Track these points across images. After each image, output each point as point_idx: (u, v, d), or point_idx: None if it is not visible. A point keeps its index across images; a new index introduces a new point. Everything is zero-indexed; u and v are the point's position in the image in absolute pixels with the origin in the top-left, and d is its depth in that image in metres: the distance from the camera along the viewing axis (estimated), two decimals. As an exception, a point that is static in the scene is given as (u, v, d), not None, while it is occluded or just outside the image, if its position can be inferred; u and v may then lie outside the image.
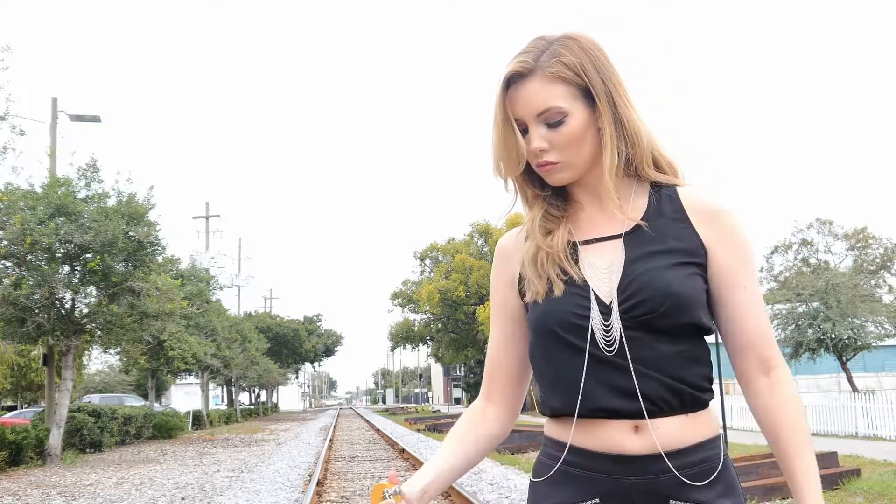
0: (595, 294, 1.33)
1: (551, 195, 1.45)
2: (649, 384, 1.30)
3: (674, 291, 1.29)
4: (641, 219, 1.37)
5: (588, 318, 1.32)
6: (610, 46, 1.39)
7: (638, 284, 1.30)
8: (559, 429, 1.38)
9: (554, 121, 1.34)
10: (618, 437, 1.31)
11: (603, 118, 1.35)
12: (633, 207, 1.39)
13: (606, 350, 1.30)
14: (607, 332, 1.31)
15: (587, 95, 1.35)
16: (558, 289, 1.34)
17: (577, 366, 1.32)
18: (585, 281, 1.34)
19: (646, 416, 1.29)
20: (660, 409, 1.30)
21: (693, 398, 1.32)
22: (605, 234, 1.39)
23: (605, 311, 1.31)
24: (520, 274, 1.43)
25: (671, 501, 1.30)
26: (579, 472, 1.35)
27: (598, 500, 1.33)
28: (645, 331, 1.30)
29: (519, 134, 1.36)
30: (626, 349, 1.30)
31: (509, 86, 1.36)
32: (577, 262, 1.37)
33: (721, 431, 1.36)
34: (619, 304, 1.31)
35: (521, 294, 1.43)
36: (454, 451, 1.46)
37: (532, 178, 1.44)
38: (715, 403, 1.41)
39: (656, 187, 1.42)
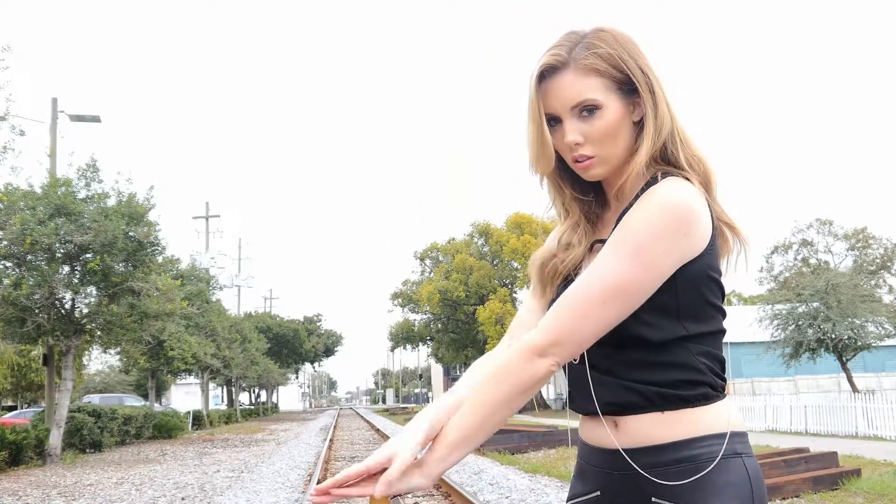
0: None
1: (594, 201, 1.43)
2: (602, 388, 1.34)
3: None
4: (616, 219, 1.34)
5: None
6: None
7: None
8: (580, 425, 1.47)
9: (589, 114, 1.31)
10: (601, 432, 1.36)
11: (646, 107, 1.33)
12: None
13: (574, 359, 1.37)
14: None
15: (621, 88, 1.32)
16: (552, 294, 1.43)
17: (581, 369, 1.38)
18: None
19: (599, 413, 1.34)
20: (621, 407, 1.32)
21: (661, 397, 1.29)
22: (603, 237, 1.38)
23: None
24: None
25: (653, 499, 1.29)
26: (585, 465, 1.44)
27: (598, 493, 1.39)
28: (598, 344, 1.31)
29: (546, 129, 1.34)
30: (586, 358, 1.36)
31: (543, 80, 1.34)
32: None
33: (728, 431, 1.31)
34: None
35: None
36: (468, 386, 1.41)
37: (571, 178, 1.42)
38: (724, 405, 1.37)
39: (652, 181, 1.33)
